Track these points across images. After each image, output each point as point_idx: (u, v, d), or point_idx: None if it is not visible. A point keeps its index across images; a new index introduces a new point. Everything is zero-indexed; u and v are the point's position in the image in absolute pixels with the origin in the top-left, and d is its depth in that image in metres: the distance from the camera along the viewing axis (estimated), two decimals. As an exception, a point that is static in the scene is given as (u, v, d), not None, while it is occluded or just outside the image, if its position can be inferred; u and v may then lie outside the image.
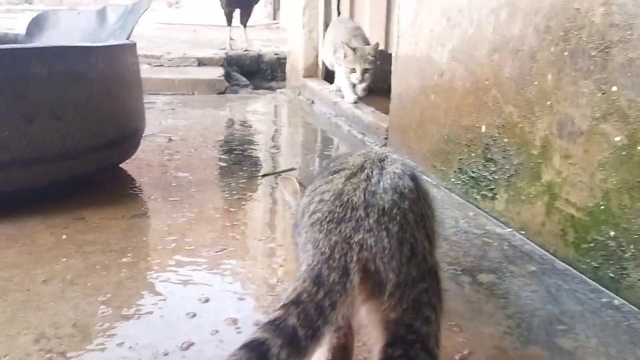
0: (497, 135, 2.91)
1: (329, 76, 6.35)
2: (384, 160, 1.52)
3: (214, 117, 5.39)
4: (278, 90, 6.99)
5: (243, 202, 3.12)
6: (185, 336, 1.84)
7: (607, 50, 2.22)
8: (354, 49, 4.98)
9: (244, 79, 7.26)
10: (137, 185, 3.34)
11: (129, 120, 3.17)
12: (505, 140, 2.84)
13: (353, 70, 4.99)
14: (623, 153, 2.16)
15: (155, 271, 2.29)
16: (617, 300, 2.17)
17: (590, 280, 2.32)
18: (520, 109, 2.73)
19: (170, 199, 3.10)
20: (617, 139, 2.19)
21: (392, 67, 4.08)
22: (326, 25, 6.18)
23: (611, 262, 2.23)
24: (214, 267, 2.34)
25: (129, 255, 2.41)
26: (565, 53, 2.43)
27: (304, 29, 6.34)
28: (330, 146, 4.60)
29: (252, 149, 4.32)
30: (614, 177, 2.21)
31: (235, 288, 2.19)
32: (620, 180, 2.18)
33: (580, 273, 2.38)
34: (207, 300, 2.08)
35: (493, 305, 2.13)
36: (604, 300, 2.19)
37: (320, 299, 1.20)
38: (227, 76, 6.95)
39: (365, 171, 1.45)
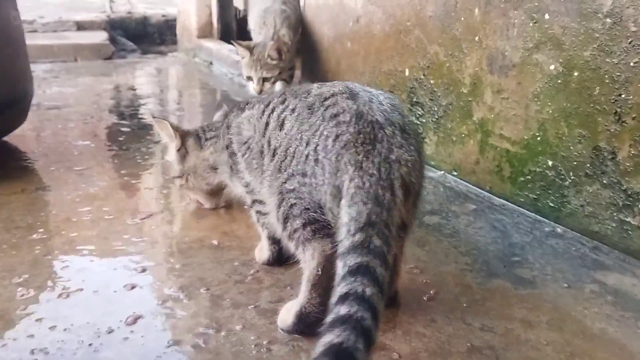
0: (422, 77, 2.84)
1: (226, 35, 6.05)
2: (355, 86, 1.61)
3: (105, 84, 4.94)
4: (169, 54, 6.56)
5: (157, 166, 2.86)
6: (128, 310, 1.61)
7: (537, -22, 2.19)
8: (250, 49, 3.51)
9: (130, 43, 6.75)
10: (31, 157, 2.95)
11: (16, 82, 2.77)
12: (432, 81, 2.78)
13: (249, 79, 3.59)
14: (559, 81, 2.16)
15: (75, 245, 2.01)
16: (560, 228, 2.20)
17: (529, 212, 2.33)
18: (446, 48, 2.67)
19: (75, 168, 2.76)
20: (552, 67, 2.18)
21: (301, 18, 3.90)
22: (219, -20, 5.85)
23: (550, 191, 2.25)
24: (143, 235, 2.10)
25: (39, 231, 2.10)
26: (492, -15, 2.38)
27: (194, -14, 5.96)
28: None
29: (154, 113, 4.00)
30: (549, 106, 2.21)
31: (173, 254, 1.97)
32: (556, 109, 2.19)
33: (519, 206, 2.38)
34: (144, 270, 1.85)
35: (446, 245, 2.08)
36: (547, 229, 2.20)
37: (385, 217, 1.33)
38: (112, 40, 6.42)
39: (360, 93, 1.55)
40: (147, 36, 7.14)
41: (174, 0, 7.60)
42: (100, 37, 6.15)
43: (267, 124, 1.67)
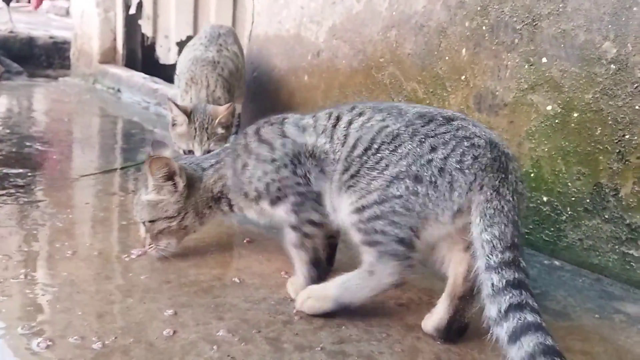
0: (397, 113, 2.87)
1: (131, 61, 5.72)
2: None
3: (5, 107, 4.42)
4: (60, 78, 6.04)
5: (121, 197, 2.57)
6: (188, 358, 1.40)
7: (535, 23, 2.32)
8: (188, 113, 2.67)
9: (15, 64, 6.14)
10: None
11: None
12: (409, 117, 2.81)
13: (189, 152, 2.71)
14: (556, 121, 2.28)
15: (77, 288, 1.72)
16: (557, 261, 2.29)
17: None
18: (426, 85, 2.73)
19: (22, 200, 2.40)
20: (549, 108, 2.30)
21: (247, 49, 3.79)
22: (126, 5, 5.54)
23: (544, 226, 2.35)
24: (149, 273, 1.85)
25: (33, 274, 1.77)
26: (484, 27, 2.48)
27: (98, 9, 5.59)
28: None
29: (78, 141, 3.64)
30: (545, 144, 2.32)
31: (197, 294, 1.75)
32: (552, 147, 2.30)
33: (508, 241, 2.45)
34: (175, 313, 1.62)
35: (466, 279, 2.07)
36: (545, 262, 2.29)
37: (522, 243, 1.50)
38: (-3, 61, 5.80)
39: (477, 123, 1.66)
40: (32, 58, 6.57)
41: (53, 23, 7.12)
42: (-15, 56, 5.53)
43: (346, 135, 1.68)
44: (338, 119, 1.73)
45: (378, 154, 1.58)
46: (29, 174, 2.75)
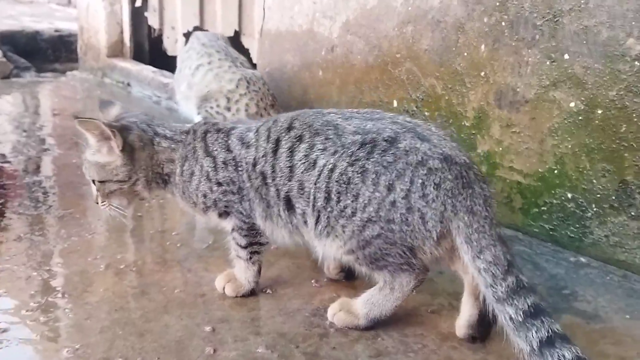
0: (415, 108, 2.86)
1: (139, 55, 5.68)
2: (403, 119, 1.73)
3: (19, 107, 4.42)
4: (69, 72, 6.01)
5: (146, 203, 2.58)
6: (236, 381, 1.41)
7: (556, 19, 2.29)
8: None
9: (23, 60, 6.10)
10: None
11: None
12: (427, 113, 2.81)
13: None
14: (580, 118, 2.27)
15: (114, 305, 1.74)
16: (583, 258, 2.29)
17: (546, 243, 2.42)
18: (445, 82, 2.71)
19: (47, 209, 2.41)
20: (572, 105, 2.29)
21: (258, 44, 3.77)
22: (132, -2, 5.49)
23: (569, 222, 2.35)
24: (184, 287, 1.87)
25: (66, 295, 1.79)
26: (503, 23, 2.46)
27: (103, 2, 5.52)
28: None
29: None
30: (569, 141, 2.32)
31: (233, 307, 1.77)
32: (576, 144, 2.29)
33: (532, 237, 2.46)
34: (213, 330, 1.64)
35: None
36: (572, 259, 2.29)
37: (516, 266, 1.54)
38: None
39: (424, 132, 1.65)
40: (39, 52, 6.52)
41: (56, 14, 7.08)
42: (-8, 53, 5.51)
43: (291, 167, 1.65)
44: (277, 142, 1.70)
45: (340, 203, 1.59)
46: (52, 180, 2.77)
